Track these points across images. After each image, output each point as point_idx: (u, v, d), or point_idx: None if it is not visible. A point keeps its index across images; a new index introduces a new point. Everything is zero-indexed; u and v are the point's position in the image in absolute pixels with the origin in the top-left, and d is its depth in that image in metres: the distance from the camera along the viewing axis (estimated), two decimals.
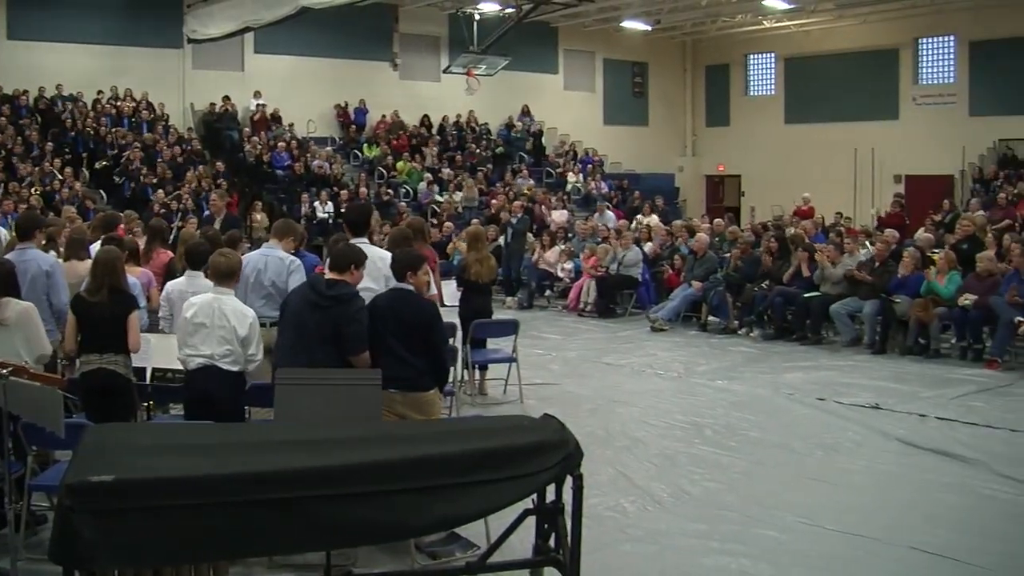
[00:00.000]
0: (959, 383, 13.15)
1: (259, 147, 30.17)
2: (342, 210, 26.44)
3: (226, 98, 31.31)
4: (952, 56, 36.50)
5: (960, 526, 7.78)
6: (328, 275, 7.58)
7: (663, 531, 7.64)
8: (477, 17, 31.00)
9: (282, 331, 7.69)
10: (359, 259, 7.64)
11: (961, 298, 14.67)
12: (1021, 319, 13.94)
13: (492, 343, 12.74)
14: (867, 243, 18.03)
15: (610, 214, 26.09)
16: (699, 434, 10.60)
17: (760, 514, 7.96)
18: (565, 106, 38.72)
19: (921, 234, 18.88)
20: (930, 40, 37.02)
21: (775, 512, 8.00)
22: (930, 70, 37.39)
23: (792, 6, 33.84)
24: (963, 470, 9.33)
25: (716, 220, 22.55)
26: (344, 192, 28.80)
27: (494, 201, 28.17)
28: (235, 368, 7.53)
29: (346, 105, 34.18)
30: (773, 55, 40.62)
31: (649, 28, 37.22)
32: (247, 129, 31.21)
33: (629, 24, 36.47)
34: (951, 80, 36.49)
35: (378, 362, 7.24)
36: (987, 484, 8.87)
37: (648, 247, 21.09)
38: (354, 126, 33.95)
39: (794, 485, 8.86)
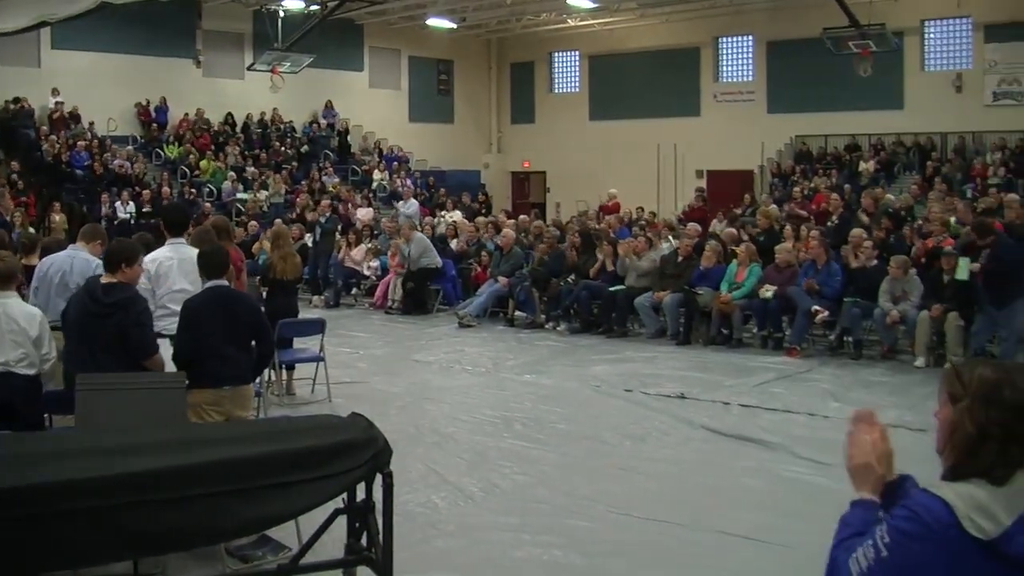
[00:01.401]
0: (760, 371, 13.53)
1: (57, 146, 29.24)
2: (144, 210, 25.87)
3: (19, 97, 30.14)
4: (750, 55, 37.63)
5: (764, 508, 7.97)
6: (104, 278, 7.37)
7: (475, 525, 7.63)
8: (282, 14, 30.72)
9: (67, 339, 7.47)
10: (129, 256, 7.43)
11: (761, 289, 15.08)
12: (818, 308, 14.41)
13: (299, 342, 12.55)
14: (670, 237, 18.37)
15: (413, 201, 26.11)
16: (508, 428, 10.63)
17: (570, 505, 8.01)
18: (371, 104, 38.51)
19: (722, 227, 19.32)
20: (729, 39, 38.10)
21: (585, 502, 8.06)
22: (730, 68, 38.49)
23: (596, 5, 34.35)
24: (765, 454, 9.59)
25: (521, 216, 22.71)
26: (146, 192, 28.14)
27: (299, 199, 27.88)
28: (32, 371, 7.27)
29: (148, 103, 33.29)
30: (577, 53, 41.17)
31: (455, 26, 37.32)
32: (44, 128, 30.16)
33: (435, 22, 36.50)
34: (750, 78, 37.62)
35: (205, 363, 7.10)
36: (788, 467, 9.14)
37: (454, 244, 21.15)
38: (156, 124, 33.12)
39: (603, 475, 8.94)
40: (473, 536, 7.40)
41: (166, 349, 7.54)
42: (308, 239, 21.60)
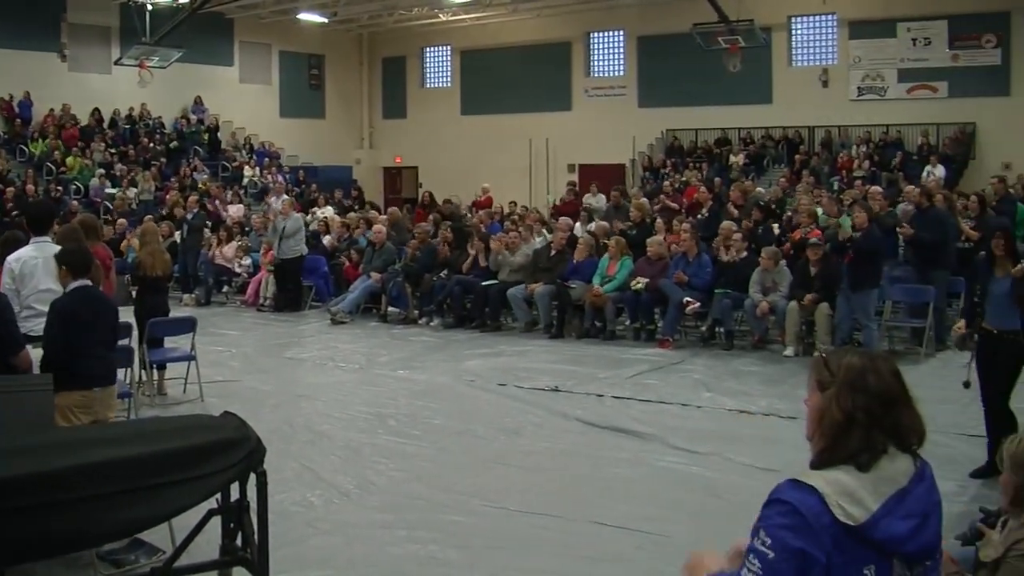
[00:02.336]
0: (634, 363, 13.69)
1: None
2: (8, 208, 25.27)
3: None
4: (622, 50, 38.03)
5: (638, 498, 8.07)
6: None
7: (351, 522, 7.60)
8: (150, 7, 30.15)
9: None
10: None
11: (633, 282, 15.25)
12: (689, 299, 14.62)
13: (170, 341, 12.36)
14: (543, 231, 18.48)
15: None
16: (383, 424, 10.59)
17: (446, 500, 8.02)
18: (241, 99, 38.00)
19: (597, 221, 19.49)
20: (601, 34, 38.46)
21: (461, 497, 8.08)
22: (601, 63, 38.84)
23: (468, 0, 34.38)
24: (639, 445, 9.71)
25: (392, 209, 22.66)
26: (10, 189, 27.42)
27: (168, 196, 27.45)
28: None
29: (11, 98, 32.34)
30: (449, 48, 41.18)
31: (326, 20, 37.12)
32: None
33: (306, 16, 36.28)
34: (621, 73, 38.00)
35: (76, 364, 7.01)
36: (662, 457, 9.27)
37: (327, 240, 21.02)
38: (19, 120, 32.24)
39: (479, 469, 8.98)
40: (349, 533, 7.37)
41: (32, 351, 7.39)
42: (178, 236, 21.27)
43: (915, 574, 2.79)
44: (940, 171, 28.99)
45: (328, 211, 24.98)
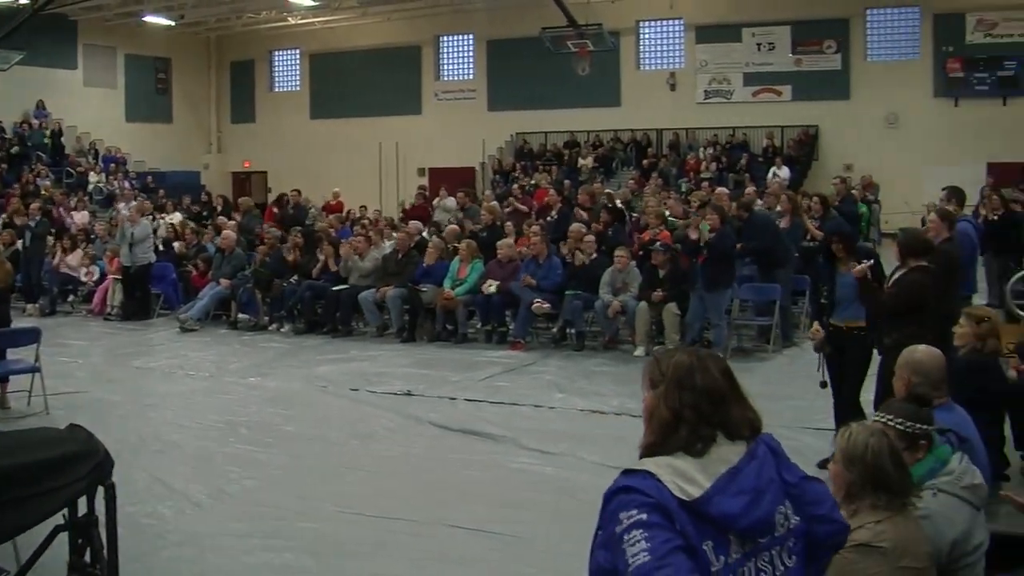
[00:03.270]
0: (486, 365, 13.80)
1: None
2: None
3: None
4: (471, 54, 38.27)
5: (492, 500, 8.14)
6: None
7: (203, 533, 7.50)
8: None
9: None
10: None
11: (484, 284, 15.34)
12: (540, 301, 14.76)
13: (12, 353, 12.07)
14: (393, 235, 18.46)
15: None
16: (234, 433, 10.50)
17: (301, 507, 7.99)
18: (85, 103, 37.10)
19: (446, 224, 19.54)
20: (450, 38, 38.72)
21: (315, 504, 8.05)
22: (451, 67, 39.09)
23: (317, 3, 34.23)
24: (492, 447, 9.79)
25: (243, 199, 22.40)
26: None
27: (9, 203, 26.69)
28: None
29: None
30: (298, 51, 41.02)
31: (172, 23, 36.57)
32: None
33: (152, 19, 35.76)
34: (470, 76, 38.29)
35: None
36: (515, 458, 9.37)
37: (177, 246, 20.70)
38: None
39: (332, 476, 8.95)
40: (202, 544, 7.29)
41: None
42: (20, 245, 20.70)
43: (748, 551, 2.91)
44: (785, 172, 29.78)
45: (176, 217, 24.56)
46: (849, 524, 3.33)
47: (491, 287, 15.28)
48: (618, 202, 19.37)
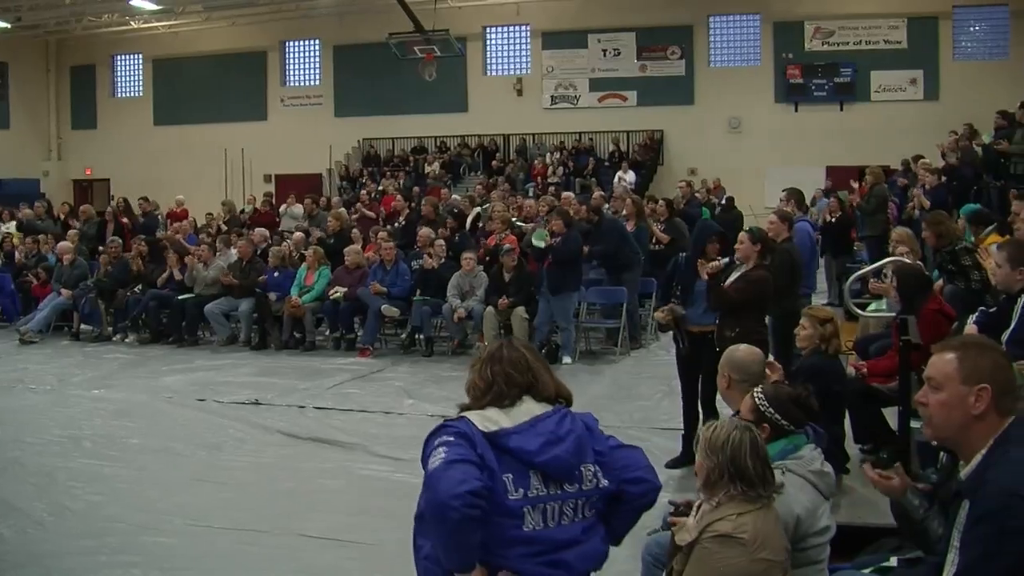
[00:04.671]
0: (335, 372, 13.76)
1: None
2: None
3: None
4: (318, 59, 38.09)
5: (342, 508, 8.12)
6: None
7: (47, 552, 7.30)
8: None
9: None
10: None
11: (331, 291, 15.29)
12: (388, 307, 14.78)
13: None
14: (239, 242, 18.24)
15: None
16: (78, 447, 10.25)
17: (149, 521, 7.83)
18: None
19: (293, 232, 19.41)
20: (296, 43, 38.49)
21: (164, 517, 7.91)
22: (297, 72, 38.84)
23: (159, 7, 33.68)
24: (342, 455, 9.76)
25: (85, 206, 21.90)
26: None
27: None
28: None
29: None
30: (140, 56, 40.24)
31: (8, 26, 35.54)
32: None
33: None
34: (317, 82, 38.05)
35: None
36: (366, 465, 9.35)
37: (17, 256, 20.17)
38: None
39: (181, 488, 8.80)
40: (45, 564, 7.10)
41: None
42: None
43: (553, 493, 3.60)
44: (631, 177, 30.24)
45: (12, 226, 23.90)
46: (660, 484, 4.00)
47: (338, 293, 15.23)
48: (478, 210, 19.40)
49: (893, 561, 4.77)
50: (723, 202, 24.42)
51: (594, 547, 3.71)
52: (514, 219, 17.07)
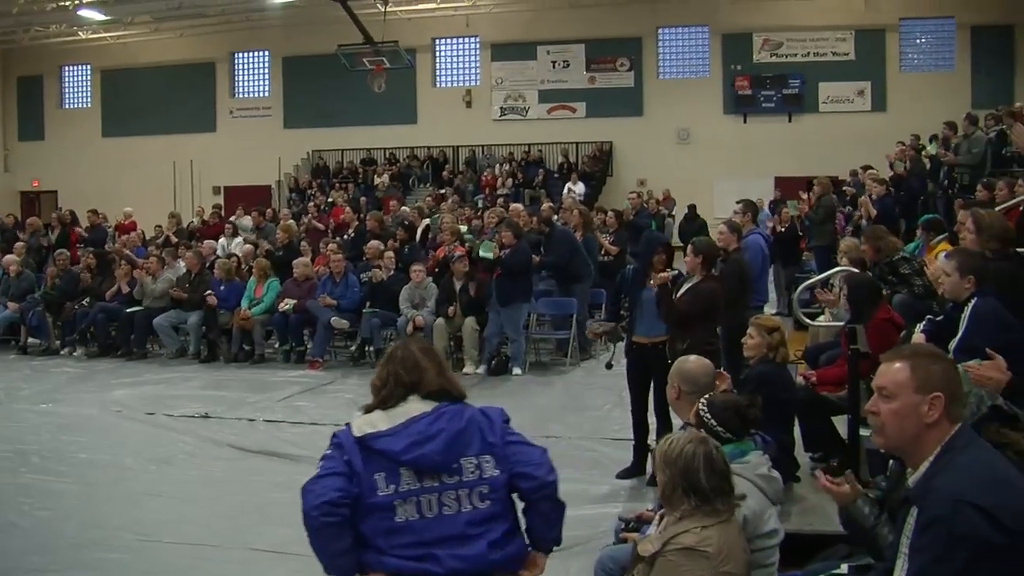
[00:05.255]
0: (285, 385, 13.74)
1: None
2: None
3: None
4: (267, 71, 38.01)
5: (293, 521, 7.90)
6: None
7: None
8: None
9: None
10: None
11: (281, 303, 15.28)
12: (337, 319, 14.77)
13: None
14: (188, 255, 18.16)
15: None
16: (26, 462, 10.15)
17: (99, 536, 7.80)
18: None
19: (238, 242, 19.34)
20: (245, 55, 38.38)
21: (114, 533, 7.88)
22: (246, 84, 38.71)
23: (108, 18, 33.46)
24: (293, 468, 9.65)
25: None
26: None
27: None
28: None
29: None
30: (89, 67, 39.94)
31: None
32: None
33: None
34: (266, 94, 37.99)
35: None
36: None
37: None
38: None
39: (131, 503, 8.77)
40: None
41: None
42: None
43: (428, 486, 3.91)
44: (580, 188, 30.39)
45: None
46: (553, 480, 4.09)
47: (287, 306, 15.21)
48: (428, 221, 19.42)
49: (844, 568, 4.87)
50: (686, 211, 24.68)
51: (478, 550, 3.93)
52: (463, 230, 17.13)
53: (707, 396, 5.18)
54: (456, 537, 3.90)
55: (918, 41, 33.97)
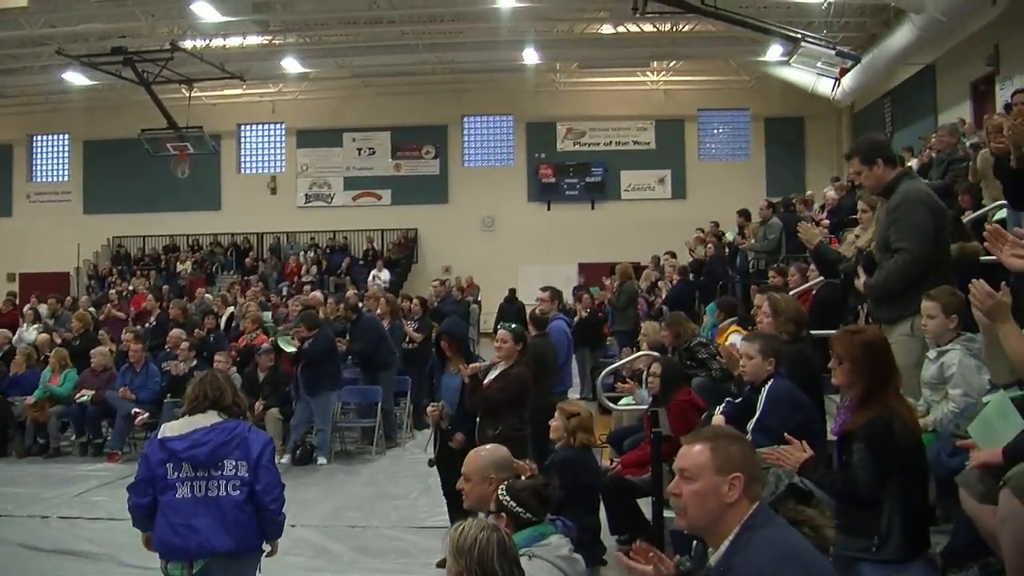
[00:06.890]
0: (82, 479, 13.23)
1: None
2: None
3: None
4: (67, 154, 37.19)
5: None
6: None
7: None
8: None
9: None
10: None
11: (78, 394, 14.81)
12: (138, 411, 14.38)
13: None
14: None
15: None
16: None
17: None
18: None
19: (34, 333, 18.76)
20: (45, 137, 37.53)
21: None
22: (44, 167, 37.83)
23: None
24: (90, 566, 9.41)
25: None
26: None
27: None
28: None
29: None
30: None
31: None
32: None
33: None
34: (66, 178, 37.12)
35: None
36: None
37: None
38: None
39: None
40: None
41: None
42: None
43: (200, 475, 5.75)
44: (385, 275, 30.37)
45: None
46: (275, 508, 5.94)
47: (85, 396, 14.75)
48: (232, 309, 19.12)
49: None
50: (507, 294, 25.03)
51: (220, 527, 5.73)
52: (266, 318, 16.92)
53: (507, 482, 5.17)
54: (213, 513, 5.73)
55: (715, 131, 35.27)
